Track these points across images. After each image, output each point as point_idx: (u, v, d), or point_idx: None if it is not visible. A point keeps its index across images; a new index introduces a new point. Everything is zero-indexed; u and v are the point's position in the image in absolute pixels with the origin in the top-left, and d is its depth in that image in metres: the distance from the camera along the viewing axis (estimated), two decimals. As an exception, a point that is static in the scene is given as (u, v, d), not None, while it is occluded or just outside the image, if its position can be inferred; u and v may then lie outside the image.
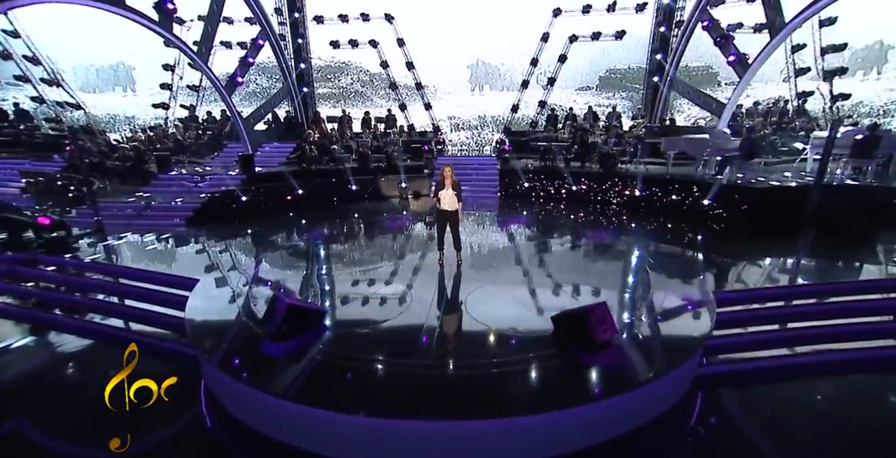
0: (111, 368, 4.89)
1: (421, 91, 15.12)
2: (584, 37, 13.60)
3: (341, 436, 3.41)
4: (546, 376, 3.77)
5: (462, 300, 5.38)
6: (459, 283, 5.94)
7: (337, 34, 14.91)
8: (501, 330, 4.70)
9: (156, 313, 5.64)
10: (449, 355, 4.21)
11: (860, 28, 13.04)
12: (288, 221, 9.77)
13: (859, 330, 4.65)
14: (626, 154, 11.08)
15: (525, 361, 3.96)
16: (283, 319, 4.38)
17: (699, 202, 8.78)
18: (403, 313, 5.02)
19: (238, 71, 12.55)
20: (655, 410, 3.82)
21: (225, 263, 7.29)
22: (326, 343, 4.39)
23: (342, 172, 11.57)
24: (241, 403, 3.92)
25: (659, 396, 3.84)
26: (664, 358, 3.95)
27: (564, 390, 3.58)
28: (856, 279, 5.80)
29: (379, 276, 6.38)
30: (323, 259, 7.52)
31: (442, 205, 6.20)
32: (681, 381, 4.04)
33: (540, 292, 5.78)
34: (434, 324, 4.87)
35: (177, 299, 5.74)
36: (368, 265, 7.03)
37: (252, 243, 8.47)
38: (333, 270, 6.97)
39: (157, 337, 5.27)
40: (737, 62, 10.12)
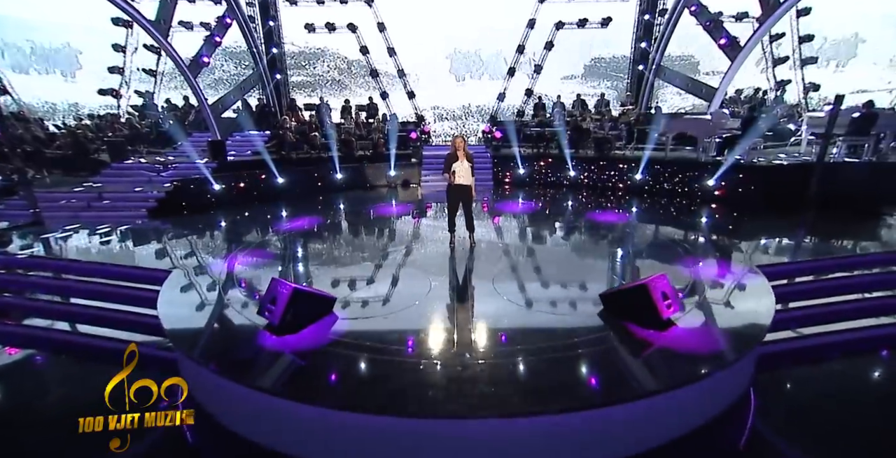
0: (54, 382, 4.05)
1: (403, 79, 14.42)
2: (570, 24, 13.42)
3: (370, 441, 2.73)
4: (603, 363, 3.21)
5: (491, 280, 4.78)
6: (477, 265, 5.34)
7: (311, 17, 13.96)
8: (538, 312, 4.16)
9: (114, 311, 4.68)
10: (484, 344, 3.59)
11: (837, 19, 13.58)
12: (269, 210, 8.82)
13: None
14: (622, 139, 10.88)
15: (572, 346, 3.40)
16: (288, 307, 3.60)
17: (705, 183, 8.62)
18: (423, 300, 4.37)
19: (204, 50, 11.41)
20: (728, 396, 3.33)
21: (200, 252, 6.31)
22: (343, 335, 3.64)
23: (325, 161, 10.69)
24: (241, 411, 3.11)
25: (731, 382, 3.35)
26: (734, 339, 3.47)
27: (626, 378, 3.01)
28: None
29: (386, 263, 5.66)
30: (318, 247, 6.69)
31: (457, 179, 5.58)
32: (748, 364, 3.57)
33: (569, 274, 5.27)
34: (461, 310, 4.26)
35: (141, 295, 4.78)
36: (371, 252, 6.28)
37: (231, 232, 7.49)
38: (331, 257, 6.17)
39: (116, 340, 4.33)
40: (728, 45, 10.15)
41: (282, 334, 3.63)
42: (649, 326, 3.66)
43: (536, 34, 13.62)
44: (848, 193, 7.54)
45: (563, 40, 13.71)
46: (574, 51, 14.18)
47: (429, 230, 7.32)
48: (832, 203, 7.53)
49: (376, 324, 3.92)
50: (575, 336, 3.57)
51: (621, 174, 9.94)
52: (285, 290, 3.66)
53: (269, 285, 3.82)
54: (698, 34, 12.92)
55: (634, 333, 3.59)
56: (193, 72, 11.31)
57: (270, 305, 3.73)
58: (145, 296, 4.74)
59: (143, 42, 13.69)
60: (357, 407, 2.67)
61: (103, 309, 4.74)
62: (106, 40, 13.88)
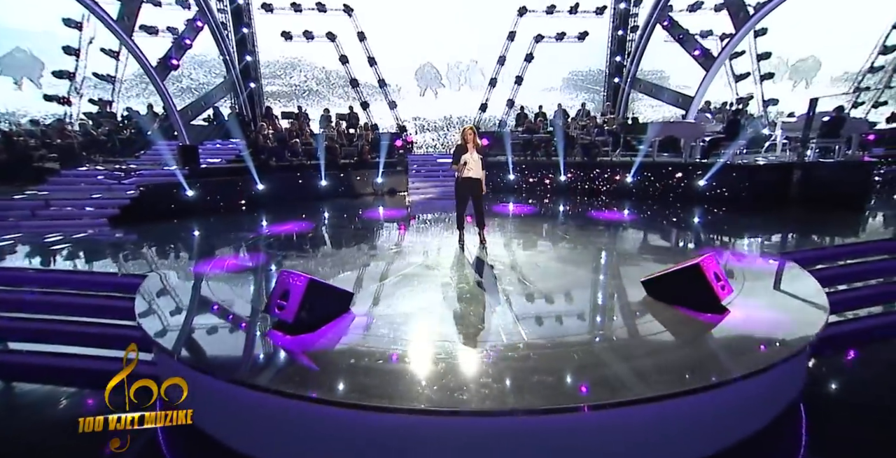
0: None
1: (384, 89, 14.29)
2: (548, 37, 13.89)
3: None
4: (657, 351, 2.90)
5: (513, 275, 4.45)
6: (494, 261, 4.99)
7: (288, 26, 13.69)
8: (574, 302, 3.87)
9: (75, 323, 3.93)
10: (526, 336, 3.21)
11: (795, 41, 14.87)
12: (250, 216, 8.15)
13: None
14: (608, 144, 11.11)
15: (619, 333, 3.12)
16: (304, 301, 3.10)
17: (697, 183, 8.84)
18: (446, 297, 3.95)
19: (173, 53, 10.80)
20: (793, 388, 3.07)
21: (176, 257, 5.59)
22: (366, 335, 3.12)
23: (307, 168, 10.16)
24: (259, 425, 2.54)
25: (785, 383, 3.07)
26: (791, 327, 3.17)
27: (680, 369, 2.61)
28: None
29: (394, 264, 5.19)
30: (313, 251, 6.12)
31: (466, 172, 5.29)
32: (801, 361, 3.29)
33: (596, 266, 5.05)
34: (491, 302, 3.88)
35: (112, 304, 4.07)
36: (374, 253, 5.80)
37: (208, 238, 6.76)
38: (333, 259, 5.63)
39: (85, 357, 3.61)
40: (702, 56, 10.74)
41: (297, 334, 3.09)
42: (704, 309, 3.43)
43: (517, 46, 13.99)
44: (825, 189, 7.94)
45: (543, 54, 14.16)
46: (553, 64, 14.64)
47: (429, 233, 6.94)
48: (813, 199, 7.89)
49: (399, 321, 3.44)
50: (621, 325, 3.29)
51: (612, 177, 10.06)
52: (299, 282, 3.16)
53: (277, 279, 3.31)
54: (667, 51, 13.77)
55: (689, 317, 3.34)
56: (161, 75, 10.64)
57: (281, 300, 3.20)
58: (117, 306, 4.03)
59: (97, 46, 12.79)
60: (425, 410, 2.20)
61: (62, 322, 3.96)
62: (55, 44, 12.88)
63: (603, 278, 4.67)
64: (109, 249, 6.10)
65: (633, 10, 13.58)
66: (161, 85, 10.46)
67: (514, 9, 13.70)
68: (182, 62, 12.16)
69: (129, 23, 10.41)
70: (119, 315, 3.86)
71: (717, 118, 11.79)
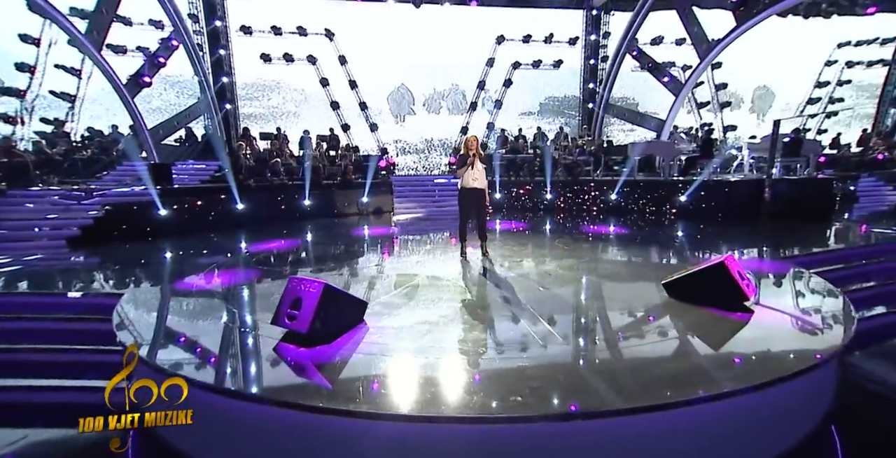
0: None
1: (365, 111, 14.38)
2: (525, 64, 14.60)
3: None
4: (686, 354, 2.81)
5: (530, 277, 4.33)
6: (503, 270, 4.87)
7: (266, 48, 13.70)
8: (597, 306, 3.78)
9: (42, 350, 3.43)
10: (550, 340, 3.08)
11: (750, 72, 16.36)
12: (232, 236, 7.67)
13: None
14: (590, 164, 11.50)
15: (646, 336, 3.04)
16: (318, 309, 2.83)
17: (679, 199, 9.22)
18: (465, 307, 3.77)
19: (145, 70, 10.46)
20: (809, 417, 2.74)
21: (151, 276, 5.10)
22: (385, 350, 2.85)
23: (288, 188, 9.85)
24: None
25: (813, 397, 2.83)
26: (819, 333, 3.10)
27: (710, 373, 2.46)
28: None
29: (399, 276, 4.96)
30: (309, 264, 5.77)
31: (470, 182, 5.24)
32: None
33: (606, 275, 5.01)
34: (511, 311, 3.72)
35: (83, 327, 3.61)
36: (375, 266, 5.54)
37: (183, 257, 6.24)
38: (332, 274, 5.31)
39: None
40: (671, 82, 11.52)
41: (312, 346, 2.79)
42: (731, 307, 3.41)
43: (495, 72, 14.59)
44: (794, 203, 8.51)
45: (521, 80, 14.82)
46: (530, 90, 15.31)
47: (428, 247, 6.76)
48: (783, 213, 8.39)
49: (417, 336, 3.20)
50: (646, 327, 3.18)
51: (597, 195, 10.34)
52: (313, 288, 2.90)
53: (287, 287, 3.03)
54: (634, 79, 14.79)
55: (717, 318, 3.30)
56: (131, 92, 10.25)
57: (292, 309, 2.92)
58: (86, 329, 3.55)
59: (54, 62, 12.18)
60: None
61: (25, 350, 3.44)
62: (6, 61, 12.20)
63: (618, 283, 4.63)
64: (74, 270, 5.50)
65: (603, 41, 14.59)
66: (131, 102, 10.07)
67: (493, 37, 14.39)
68: (152, 82, 11.81)
69: (99, 38, 10.07)
70: (88, 339, 3.40)
71: (690, 139, 12.56)
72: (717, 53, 10.70)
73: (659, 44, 14.44)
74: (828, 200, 9.00)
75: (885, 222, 7.81)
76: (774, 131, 9.11)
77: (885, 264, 5.18)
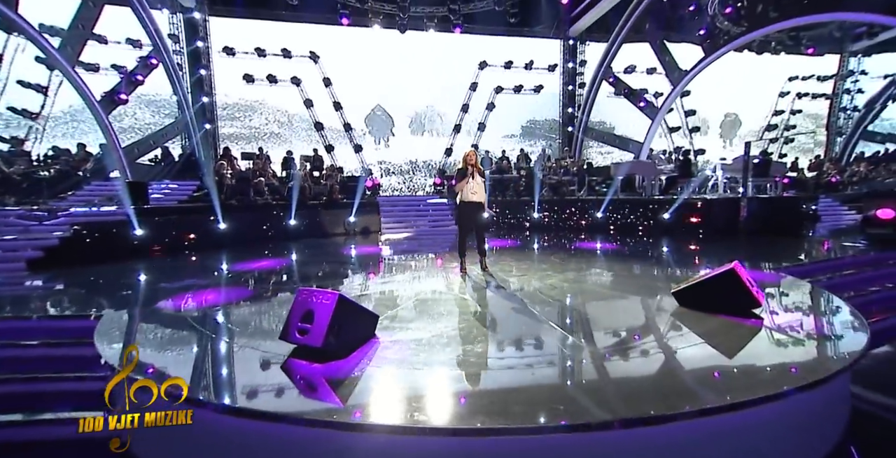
0: None
1: (350, 133, 14.42)
2: (507, 89, 15.16)
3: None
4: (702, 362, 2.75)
5: (538, 291, 4.27)
6: (507, 284, 4.80)
7: (249, 69, 13.69)
8: (610, 316, 3.75)
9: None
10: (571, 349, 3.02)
11: (717, 101, 17.58)
12: (215, 256, 7.29)
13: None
14: (574, 184, 11.81)
15: (661, 345, 3.03)
16: (333, 322, 2.67)
17: (662, 216, 9.54)
18: (478, 320, 3.68)
19: (122, 87, 10.19)
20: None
21: (132, 297, 4.73)
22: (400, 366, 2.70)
23: (272, 207, 9.59)
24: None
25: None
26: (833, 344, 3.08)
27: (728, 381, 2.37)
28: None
29: (402, 292, 4.82)
30: (306, 282, 5.51)
31: (469, 195, 5.23)
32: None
33: (610, 286, 5.02)
34: (527, 322, 3.66)
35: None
36: (376, 283, 5.36)
37: (163, 278, 5.85)
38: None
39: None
40: (647, 106, 12.18)
41: (326, 361, 2.60)
42: (744, 313, 3.45)
43: (478, 96, 15.07)
44: (769, 220, 8.98)
45: (503, 104, 15.34)
46: (512, 113, 15.84)
47: (425, 264, 6.63)
48: (759, 228, 8.80)
49: (433, 350, 3.06)
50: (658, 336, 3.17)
51: (583, 213, 10.58)
52: (327, 299, 2.75)
53: (296, 300, 2.85)
54: (609, 104, 15.57)
55: (730, 325, 3.32)
56: (106, 110, 9.92)
57: (303, 323, 2.74)
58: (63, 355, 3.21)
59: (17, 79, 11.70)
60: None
61: None
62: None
63: (625, 294, 4.63)
64: (36, 293, 5.05)
65: (580, 69, 15.40)
66: (105, 120, 9.72)
67: (476, 62, 14.95)
68: (128, 99, 11.50)
69: (73, 52, 9.79)
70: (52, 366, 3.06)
71: (666, 160, 13.18)
72: (689, 81, 11.48)
73: (631, 72, 15.35)
74: (798, 217, 9.54)
75: (853, 237, 8.27)
76: (746, 153, 9.68)
77: (867, 273, 5.45)
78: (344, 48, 14.08)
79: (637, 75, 15.28)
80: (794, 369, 2.50)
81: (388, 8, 12.99)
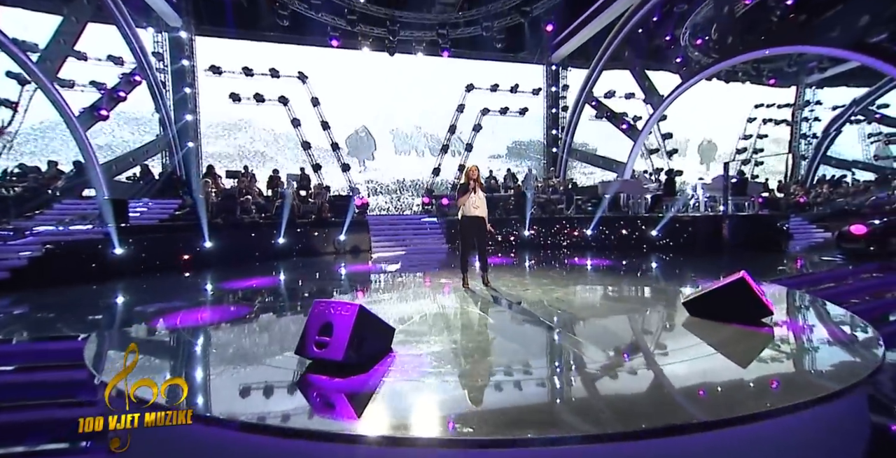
0: None
1: (337, 152, 14.42)
2: (493, 111, 15.60)
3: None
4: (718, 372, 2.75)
5: (546, 304, 4.24)
6: (515, 298, 4.76)
7: (236, 88, 13.65)
8: (621, 327, 3.75)
9: None
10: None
11: (693, 125, 18.59)
12: (201, 276, 6.97)
13: None
14: (562, 202, 12.06)
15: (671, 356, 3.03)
16: (354, 334, 2.57)
17: (650, 233, 9.80)
18: (494, 333, 3.61)
19: (103, 103, 9.96)
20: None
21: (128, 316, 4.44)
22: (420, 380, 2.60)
23: (260, 226, 9.37)
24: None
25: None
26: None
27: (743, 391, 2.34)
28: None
29: (406, 307, 4.71)
30: (304, 299, 5.30)
31: (472, 210, 5.25)
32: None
33: (616, 298, 5.04)
34: (542, 334, 3.62)
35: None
36: (378, 299, 5.22)
37: (163, 296, 5.53)
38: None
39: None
40: (629, 129, 12.73)
41: (348, 375, 2.47)
42: (755, 322, 3.51)
43: (465, 117, 15.44)
44: (750, 236, 9.37)
45: (489, 125, 15.75)
46: (498, 135, 16.24)
47: (426, 280, 6.52)
48: (741, 244, 9.15)
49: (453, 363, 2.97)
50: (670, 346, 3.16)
51: (572, 231, 10.76)
52: (346, 311, 2.65)
53: (312, 312, 2.74)
54: (589, 127, 16.19)
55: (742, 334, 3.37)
56: (84, 126, 9.63)
57: (321, 336, 2.62)
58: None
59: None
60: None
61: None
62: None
63: (633, 305, 4.65)
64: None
65: (563, 93, 16.06)
66: (83, 136, 9.40)
67: (463, 85, 15.40)
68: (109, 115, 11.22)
69: (52, 67, 9.56)
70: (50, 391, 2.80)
71: (649, 180, 13.68)
72: (667, 105, 12.13)
73: (611, 97, 16.12)
74: (777, 234, 9.97)
75: (830, 252, 8.66)
76: (725, 173, 10.18)
77: (856, 284, 5.68)
78: (332, 68, 14.29)
79: (616, 100, 16.06)
80: (803, 381, 2.49)
81: (378, 31, 13.35)
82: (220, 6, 13.03)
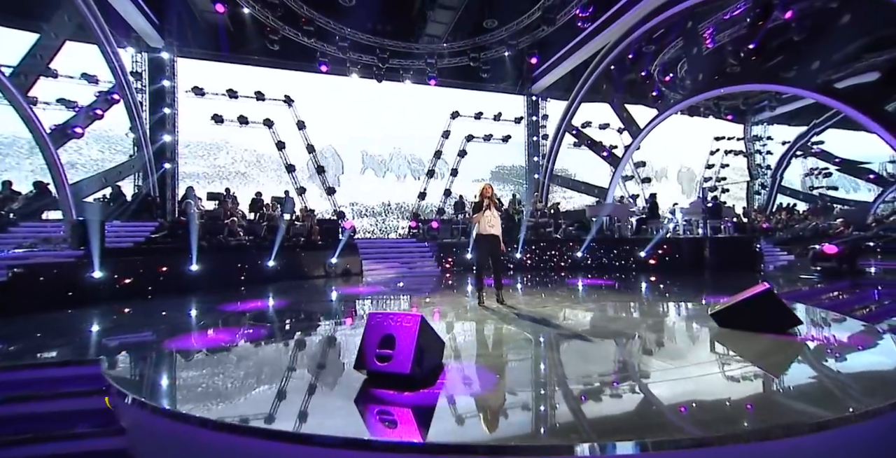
0: None
1: (322, 175, 14.31)
2: (478, 137, 16.12)
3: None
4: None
5: (567, 318, 4.26)
6: (533, 314, 4.78)
7: (218, 109, 13.47)
8: (650, 340, 3.83)
9: None
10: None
11: (667, 154, 19.91)
12: (189, 299, 6.54)
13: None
14: (550, 225, 12.37)
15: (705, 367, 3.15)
16: (418, 347, 2.52)
17: (639, 254, 10.20)
18: (533, 351, 3.60)
19: (79, 121, 9.55)
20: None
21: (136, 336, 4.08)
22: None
23: (247, 249, 9.02)
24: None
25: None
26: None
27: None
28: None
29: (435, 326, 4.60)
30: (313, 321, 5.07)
31: (487, 228, 5.34)
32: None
33: (638, 313, 5.15)
34: (570, 348, 3.64)
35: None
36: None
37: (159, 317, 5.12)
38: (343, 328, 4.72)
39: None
40: (609, 156, 13.44)
41: (416, 389, 2.39)
42: (784, 330, 3.68)
43: (451, 143, 15.85)
44: (730, 256, 9.95)
45: (473, 150, 16.21)
46: (481, 160, 16.71)
47: (435, 300, 6.40)
48: (721, 264, 9.68)
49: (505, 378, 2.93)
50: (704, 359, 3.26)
51: (563, 252, 11.02)
52: (408, 322, 2.59)
53: (369, 324, 2.66)
54: (569, 155, 16.99)
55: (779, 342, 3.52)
56: (56, 144, 9.16)
57: (382, 349, 2.53)
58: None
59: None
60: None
61: None
62: None
63: (650, 319, 4.73)
64: None
65: (543, 122, 16.87)
66: (55, 154, 8.91)
67: (448, 112, 15.91)
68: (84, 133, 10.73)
69: (26, 82, 9.14)
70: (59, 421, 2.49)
71: (633, 203, 14.38)
72: (644, 136, 12.98)
73: (586, 127, 17.08)
74: (753, 255, 10.61)
75: (805, 270, 9.26)
76: (703, 197, 10.87)
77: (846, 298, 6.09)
78: (319, 93, 14.43)
79: (592, 129, 17.01)
80: (835, 399, 2.37)
81: (367, 59, 13.71)
82: (205, 29, 13.07)
